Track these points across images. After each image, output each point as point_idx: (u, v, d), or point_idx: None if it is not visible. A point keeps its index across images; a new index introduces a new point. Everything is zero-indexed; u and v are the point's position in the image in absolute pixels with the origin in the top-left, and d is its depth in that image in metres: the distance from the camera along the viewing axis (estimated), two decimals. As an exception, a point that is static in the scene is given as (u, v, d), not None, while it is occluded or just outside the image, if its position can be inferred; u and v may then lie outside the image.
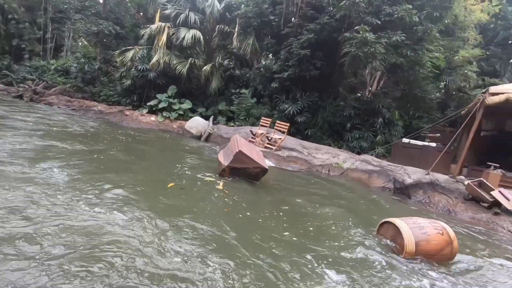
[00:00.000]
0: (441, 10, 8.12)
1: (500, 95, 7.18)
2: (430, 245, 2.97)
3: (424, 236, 2.98)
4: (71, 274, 1.92)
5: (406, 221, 3.09)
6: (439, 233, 3.05)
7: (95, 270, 2.00)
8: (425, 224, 3.11)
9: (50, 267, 1.97)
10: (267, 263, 2.51)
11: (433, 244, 2.99)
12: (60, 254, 2.12)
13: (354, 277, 2.50)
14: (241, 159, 4.89)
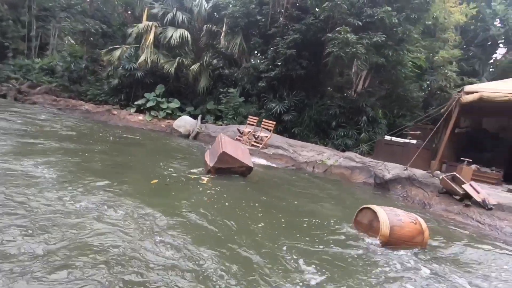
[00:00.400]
0: (419, 12, 8.45)
1: (474, 94, 7.53)
2: (403, 231, 3.18)
3: (399, 223, 3.19)
4: (66, 267, 2.04)
5: (383, 208, 3.29)
6: (413, 222, 3.28)
7: (88, 261, 2.12)
8: (401, 213, 3.33)
9: (46, 259, 2.08)
10: (240, 250, 2.67)
11: (406, 231, 3.20)
12: (50, 249, 2.23)
13: (325, 264, 2.69)
14: (226, 159, 5.03)
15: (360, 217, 3.24)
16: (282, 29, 10.90)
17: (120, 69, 13.34)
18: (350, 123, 11.01)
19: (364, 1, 8.36)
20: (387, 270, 2.71)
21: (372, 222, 3.12)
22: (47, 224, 2.56)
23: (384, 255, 2.97)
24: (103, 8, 18.98)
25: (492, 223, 4.80)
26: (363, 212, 3.23)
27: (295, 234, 3.30)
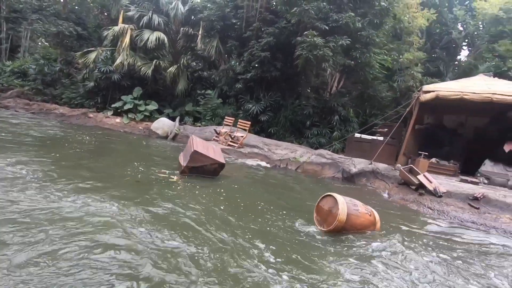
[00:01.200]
0: (381, 18, 9.06)
1: (431, 93, 8.19)
2: (358, 220, 3.54)
3: (355, 212, 3.54)
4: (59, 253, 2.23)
5: (344, 197, 3.63)
6: (368, 213, 3.66)
7: (80, 246, 2.32)
8: (359, 204, 3.69)
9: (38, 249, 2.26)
10: (206, 233, 2.95)
11: (361, 220, 3.57)
12: (40, 238, 2.42)
13: (279, 246, 3.00)
14: (198, 158, 5.27)
15: (322, 203, 3.58)
16: (257, 32, 11.27)
17: (96, 72, 13.23)
18: (324, 122, 11.53)
19: (330, 7, 8.86)
20: (326, 250, 3.07)
21: (332, 209, 3.46)
22: (42, 218, 2.74)
23: (325, 239, 3.34)
24: (78, 9, 18.68)
25: (440, 208, 5.32)
26: (326, 199, 3.57)
27: (253, 218, 3.62)
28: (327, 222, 3.45)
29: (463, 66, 15.64)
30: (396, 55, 12.92)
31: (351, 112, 11.90)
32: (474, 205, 5.15)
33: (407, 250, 3.21)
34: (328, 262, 2.75)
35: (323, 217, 3.54)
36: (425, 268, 2.85)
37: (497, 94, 7.50)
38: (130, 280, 2.08)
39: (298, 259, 2.74)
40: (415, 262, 2.95)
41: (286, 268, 2.53)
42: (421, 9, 12.57)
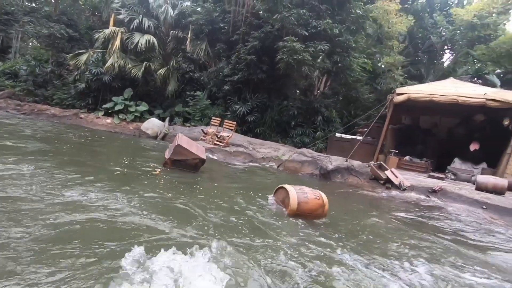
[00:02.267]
0: (358, 24, 9.63)
1: (404, 95, 8.80)
2: (308, 206, 4.03)
3: (305, 199, 4.03)
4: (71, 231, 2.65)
5: (294, 187, 4.13)
6: (316, 198, 4.15)
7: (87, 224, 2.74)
8: (308, 191, 4.18)
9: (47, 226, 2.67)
10: (183, 214, 3.41)
11: (310, 205, 4.06)
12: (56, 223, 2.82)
13: (242, 226, 3.46)
14: (181, 151, 5.72)
15: (277, 195, 4.06)
16: (243, 36, 11.74)
17: (87, 73, 13.52)
18: (308, 122, 12.06)
19: (310, 14, 9.40)
20: (282, 230, 3.54)
21: (285, 199, 3.94)
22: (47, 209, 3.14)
23: (287, 221, 3.82)
24: (70, 11, 18.86)
25: (406, 199, 5.86)
26: (279, 191, 4.05)
27: (222, 201, 4.11)
28: (284, 206, 3.93)
29: (443, 69, 16.38)
30: (377, 59, 13.54)
31: (334, 113, 12.45)
32: (430, 197, 5.70)
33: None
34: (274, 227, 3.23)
35: (280, 202, 4.02)
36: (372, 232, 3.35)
37: (462, 97, 8.13)
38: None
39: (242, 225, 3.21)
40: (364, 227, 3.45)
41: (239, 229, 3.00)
42: (400, 15, 13.20)
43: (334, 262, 2.79)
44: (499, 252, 3.66)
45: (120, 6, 13.94)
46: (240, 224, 3.48)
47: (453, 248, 3.62)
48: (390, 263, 2.95)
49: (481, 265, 3.16)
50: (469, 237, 4.15)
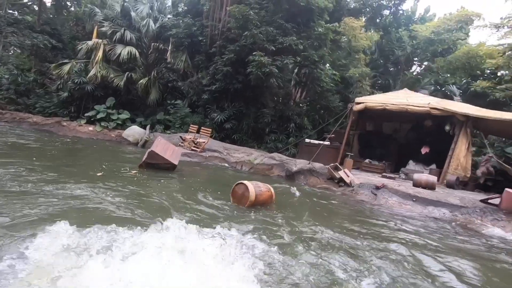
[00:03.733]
0: (320, 41, 10.68)
1: (361, 104, 9.81)
2: (262, 197, 4.81)
3: (260, 192, 4.81)
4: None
5: (251, 182, 4.88)
6: (267, 191, 4.95)
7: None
8: (261, 185, 4.97)
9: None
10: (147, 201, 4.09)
11: (264, 197, 4.84)
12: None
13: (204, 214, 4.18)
14: (154, 156, 6.41)
15: (236, 189, 4.82)
16: (220, 49, 12.60)
17: (70, 82, 13.98)
18: (281, 129, 12.95)
19: (277, 31, 10.37)
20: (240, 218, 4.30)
21: (244, 192, 4.71)
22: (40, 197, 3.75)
23: (243, 213, 4.57)
24: (52, 21, 19.23)
25: (353, 195, 6.73)
26: (238, 186, 4.82)
27: (187, 196, 4.83)
28: (242, 202, 4.70)
29: (409, 80, 17.75)
30: (347, 70, 14.68)
31: (306, 120, 13.39)
32: (374, 192, 6.60)
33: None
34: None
35: (238, 198, 4.78)
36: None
37: (410, 106, 9.21)
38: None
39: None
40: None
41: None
42: (365, 31, 14.45)
43: (276, 235, 3.55)
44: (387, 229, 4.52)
45: (104, 19, 14.58)
46: (199, 210, 4.22)
47: (366, 223, 4.47)
48: (316, 229, 3.73)
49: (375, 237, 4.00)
50: (382, 218, 5.06)
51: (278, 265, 2.74)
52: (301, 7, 10.11)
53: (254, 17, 10.25)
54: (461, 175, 8.49)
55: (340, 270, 2.79)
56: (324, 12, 10.96)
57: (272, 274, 2.57)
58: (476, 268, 3.28)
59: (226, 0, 12.08)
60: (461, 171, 8.59)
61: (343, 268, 2.86)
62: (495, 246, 4.37)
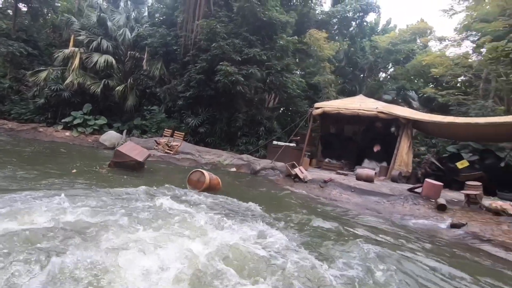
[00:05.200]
0: (282, 52, 11.75)
1: (319, 109, 10.90)
2: (214, 182, 5.73)
3: (212, 178, 5.70)
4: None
5: (205, 171, 5.73)
6: (216, 179, 5.85)
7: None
8: (212, 174, 5.87)
9: None
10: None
11: (214, 183, 5.78)
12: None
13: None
14: (120, 154, 7.14)
15: (192, 176, 5.69)
16: (193, 58, 13.41)
17: (46, 89, 14.30)
18: (252, 132, 13.85)
19: (243, 43, 11.34)
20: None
21: (199, 178, 5.57)
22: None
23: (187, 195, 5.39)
24: (29, 28, 19.33)
25: (305, 188, 7.70)
26: (194, 173, 5.70)
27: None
28: (197, 186, 5.57)
29: (369, 85, 19.23)
30: (314, 78, 15.88)
31: (275, 123, 14.39)
32: (322, 185, 7.60)
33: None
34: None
35: (193, 184, 5.64)
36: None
37: (361, 110, 10.38)
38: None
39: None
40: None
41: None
42: (328, 41, 15.73)
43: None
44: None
45: (80, 27, 15.04)
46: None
47: (295, 205, 5.43)
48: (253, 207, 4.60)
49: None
50: (319, 204, 6.04)
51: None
52: (264, 21, 11.14)
53: (221, 30, 11.20)
54: (403, 171, 9.68)
55: (253, 222, 3.67)
56: (287, 25, 12.06)
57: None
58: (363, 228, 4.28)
59: (198, 13, 12.96)
60: (404, 167, 9.79)
61: (255, 219, 3.75)
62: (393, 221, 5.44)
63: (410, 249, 3.89)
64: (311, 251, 3.26)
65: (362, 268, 2.91)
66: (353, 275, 2.76)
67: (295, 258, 2.79)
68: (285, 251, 2.98)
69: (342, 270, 2.84)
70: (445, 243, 4.59)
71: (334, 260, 3.06)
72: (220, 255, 2.65)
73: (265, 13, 10.96)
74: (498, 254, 4.23)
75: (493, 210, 5.91)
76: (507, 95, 10.24)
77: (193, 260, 2.52)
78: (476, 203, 6.38)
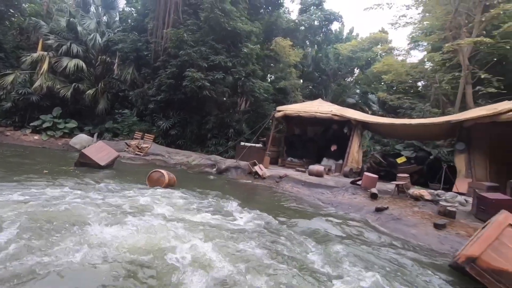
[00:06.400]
0: (246, 59, 12.65)
1: (281, 112, 11.85)
2: (171, 181, 6.41)
3: (170, 177, 6.39)
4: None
5: (164, 170, 6.41)
6: (172, 176, 6.55)
7: None
8: (170, 173, 6.55)
9: None
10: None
11: (171, 181, 6.46)
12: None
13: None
14: (84, 156, 7.67)
15: (152, 175, 6.35)
16: (164, 63, 13.96)
17: (14, 93, 14.23)
18: (221, 134, 14.60)
19: (209, 51, 12.12)
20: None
21: (159, 178, 6.25)
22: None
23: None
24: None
25: (263, 183, 8.56)
26: (154, 173, 6.36)
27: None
28: (157, 184, 6.24)
29: (336, 90, 20.64)
30: (280, 82, 16.92)
31: (244, 126, 15.22)
32: (277, 180, 8.50)
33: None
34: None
35: (153, 182, 6.31)
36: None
37: (318, 113, 11.44)
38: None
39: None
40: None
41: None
42: (293, 49, 16.86)
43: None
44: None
45: (49, 32, 15.10)
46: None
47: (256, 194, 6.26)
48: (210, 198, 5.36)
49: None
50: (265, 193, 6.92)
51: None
52: (229, 31, 11.97)
53: (188, 38, 11.91)
54: (354, 167, 10.82)
55: (200, 205, 4.45)
56: (251, 34, 12.96)
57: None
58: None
59: (168, 20, 13.55)
60: (355, 164, 10.93)
61: (201, 203, 4.53)
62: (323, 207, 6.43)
63: (335, 224, 4.84)
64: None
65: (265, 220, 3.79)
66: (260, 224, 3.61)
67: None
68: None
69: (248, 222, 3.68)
70: (364, 222, 5.60)
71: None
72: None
73: (229, 23, 11.79)
74: (400, 228, 5.28)
75: (414, 196, 7.06)
76: (441, 99, 11.74)
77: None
78: (404, 192, 7.52)
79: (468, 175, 8.67)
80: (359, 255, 3.63)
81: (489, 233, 2.86)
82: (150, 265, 2.62)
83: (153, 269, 2.57)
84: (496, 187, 7.78)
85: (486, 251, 2.74)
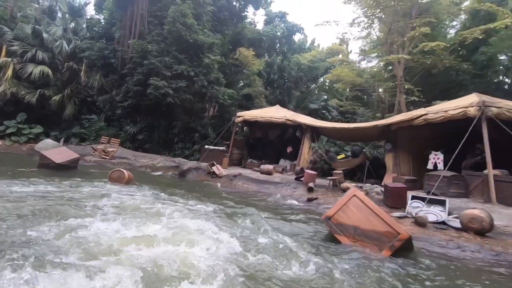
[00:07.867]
0: (208, 69, 13.70)
1: (241, 117, 12.95)
2: (130, 177, 7.24)
3: (129, 174, 7.23)
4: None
5: (122, 169, 7.25)
6: (130, 174, 7.40)
7: None
8: (127, 172, 7.39)
9: None
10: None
11: (131, 177, 7.29)
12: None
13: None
14: (43, 157, 8.32)
15: (112, 174, 7.16)
16: (131, 71, 14.61)
17: (-25, 99, 14.20)
18: (188, 138, 15.43)
19: (172, 60, 13.02)
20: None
21: (120, 175, 7.08)
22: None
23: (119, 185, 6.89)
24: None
25: (219, 181, 9.55)
26: (114, 172, 7.17)
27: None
28: (118, 181, 7.07)
29: (299, 97, 22.17)
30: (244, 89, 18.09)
31: (210, 130, 16.16)
32: (231, 179, 9.55)
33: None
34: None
35: (114, 179, 7.13)
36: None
37: (273, 118, 12.67)
38: None
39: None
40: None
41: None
42: (256, 58, 18.14)
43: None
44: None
45: (14, 38, 15.20)
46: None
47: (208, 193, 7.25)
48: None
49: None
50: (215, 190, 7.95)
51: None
52: (191, 43, 12.95)
53: (152, 49, 12.75)
54: (305, 166, 12.10)
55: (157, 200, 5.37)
56: (213, 46, 14.03)
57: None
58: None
59: (134, 30, 14.26)
60: (306, 164, 12.21)
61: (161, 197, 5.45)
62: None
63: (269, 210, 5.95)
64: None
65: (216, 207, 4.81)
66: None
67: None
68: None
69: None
70: (294, 208, 6.78)
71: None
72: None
73: (191, 36, 12.76)
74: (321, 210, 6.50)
75: (344, 188, 8.39)
76: (381, 106, 13.45)
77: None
78: (337, 186, 8.85)
79: (395, 171, 10.22)
80: (275, 225, 4.77)
81: (341, 201, 4.09)
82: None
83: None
84: (413, 180, 9.38)
85: (338, 212, 3.96)
